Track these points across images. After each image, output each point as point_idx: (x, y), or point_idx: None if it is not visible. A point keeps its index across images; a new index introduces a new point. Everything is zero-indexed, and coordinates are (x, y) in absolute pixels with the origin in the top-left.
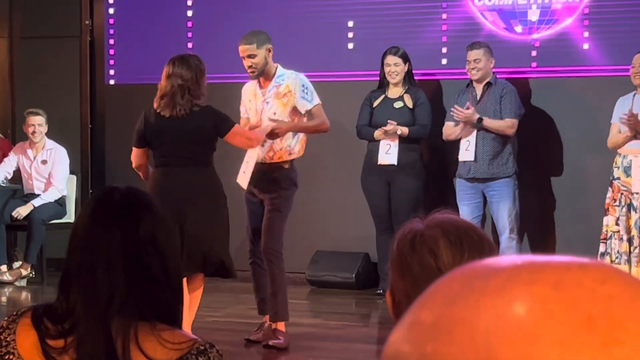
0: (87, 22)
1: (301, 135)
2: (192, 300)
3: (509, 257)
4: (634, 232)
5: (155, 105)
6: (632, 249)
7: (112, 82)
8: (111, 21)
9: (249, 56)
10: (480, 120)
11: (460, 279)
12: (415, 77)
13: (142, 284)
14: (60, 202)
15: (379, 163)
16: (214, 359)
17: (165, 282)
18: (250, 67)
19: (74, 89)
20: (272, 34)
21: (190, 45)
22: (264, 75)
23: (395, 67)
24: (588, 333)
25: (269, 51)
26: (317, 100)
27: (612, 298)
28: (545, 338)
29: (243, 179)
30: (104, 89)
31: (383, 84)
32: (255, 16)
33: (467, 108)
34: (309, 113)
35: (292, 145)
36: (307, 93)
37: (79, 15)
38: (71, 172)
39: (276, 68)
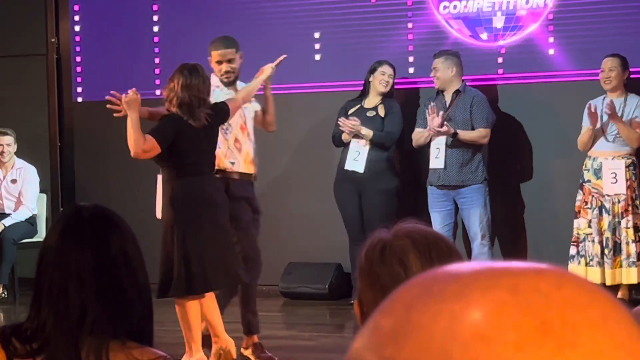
0: (52, 39)
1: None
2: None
3: (470, 263)
4: (607, 234)
5: (174, 111)
6: (606, 251)
7: (79, 99)
8: (77, 38)
9: (229, 60)
10: (455, 134)
11: (420, 285)
12: None
13: (114, 301)
14: (31, 221)
15: (345, 168)
16: None
17: (137, 298)
18: (227, 72)
19: (42, 107)
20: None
21: (157, 60)
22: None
23: (389, 78)
24: (542, 337)
25: (241, 58)
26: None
27: (567, 303)
28: (499, 341)
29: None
30: (72, 106)
31: (364, 93)
32: (221, 29)
33: (439, 115)
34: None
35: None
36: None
37: (44, 33)
38: (41, 191)
39: None
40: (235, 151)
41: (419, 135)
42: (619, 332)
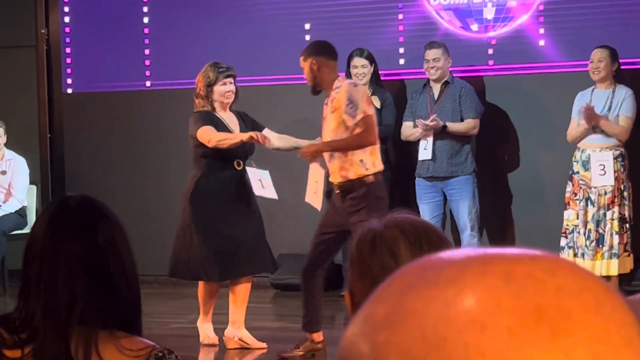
0: (42, 31)
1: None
2: (243, 298)
3: (463, 249)
4: (590, 225)
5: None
6: (587, 243)
7: (69, 90)
8: (67, 30)
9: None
10: (444, 127)
11: (414, 272)
12: None
13: (103, 291)
14: (21, 213)
15: None
16: None
17: (126, 288)
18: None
19: (31, 98)
20: (229, 39)
21: (147, 51)
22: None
23: (362, 69)
24: (536, 323)
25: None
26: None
27: (561, 289)
28: (493, 327)
29: (316, 199)
30: (61, 97)
31: None
32: (211, 22)
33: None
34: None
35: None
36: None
37: (34, 25)
38: (31, 182)
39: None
40: None
41: (409, 132)
42: (613, 318)
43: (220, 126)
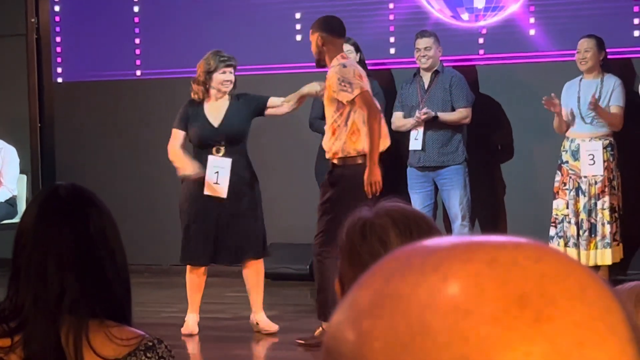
0: (32, 20)
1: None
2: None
3: (449, 237)
4: (582, 215)
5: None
6: (580, 232)
7: (60, 80)
8: (57, 19)
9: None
10: (436, 117)
11: (399, 258)
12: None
13: (94, 280)
14: (11, 202)
15: None
16: (162, 354)
17: (116, 277)
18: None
19: (21, 87)
20: (219, 28)
21: (137, 41)
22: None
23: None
24: (520, 309)
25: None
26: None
27: (545, 275)
28: (477, 313)
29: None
30: (52, 87)
31: None
32: (202, 10)
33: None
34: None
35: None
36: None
37: (24, 14)
38: (21, 172)
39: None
40: None
41: (400, 123)
42: (597, 305)
43: (199, 119)
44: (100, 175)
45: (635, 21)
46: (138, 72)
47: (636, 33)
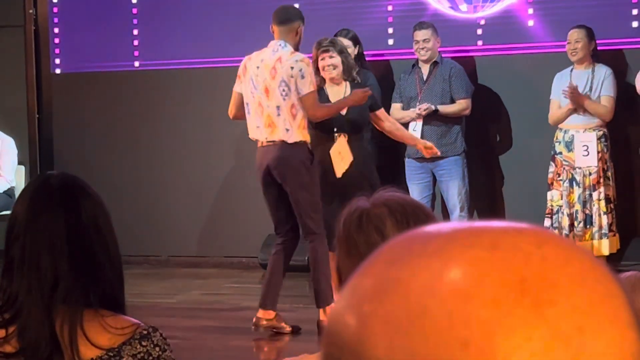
0: (30, 11)
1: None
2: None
3: (450, 223)
4: (577, 206)
5: None
6: (576, 224)
7: (58, 71)
8: (55, 10)
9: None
10: (436, 111)
11: (401, 244)
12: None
13: (87, 269)
14: (9, 193)
15: None
16: (157, 342)
17: (109, 266)
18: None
19: (20, 79)
20: (217, 17)
21: (135, 31)
22: None
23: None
24: (521, 294)
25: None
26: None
27: (546, 260)
28: (478, 298)
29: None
30: (50, 78)
31: None
32: (200, 1)
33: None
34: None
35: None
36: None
37: (22, 4)
38: (19, 163)
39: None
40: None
41: (399, 115)
42: (598, 290)
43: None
44: (99, 166)
45: (634, 12)
46: (136, 63)
47: (635, 24)
